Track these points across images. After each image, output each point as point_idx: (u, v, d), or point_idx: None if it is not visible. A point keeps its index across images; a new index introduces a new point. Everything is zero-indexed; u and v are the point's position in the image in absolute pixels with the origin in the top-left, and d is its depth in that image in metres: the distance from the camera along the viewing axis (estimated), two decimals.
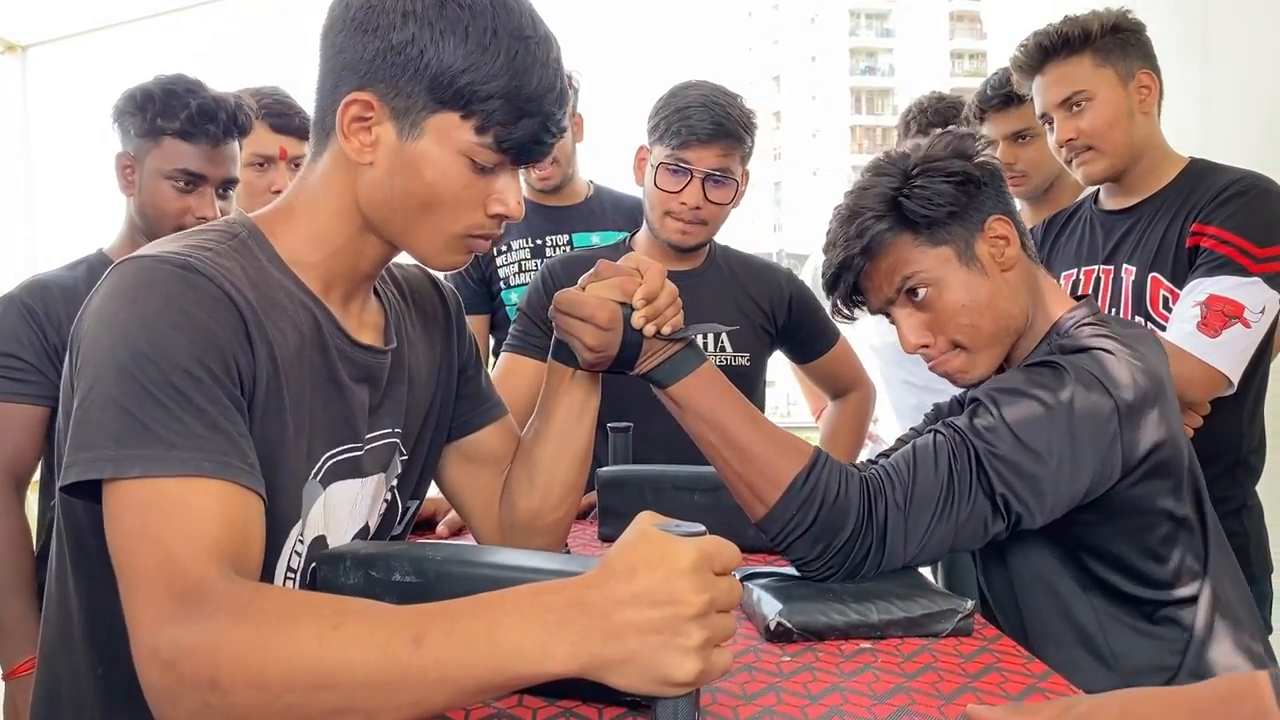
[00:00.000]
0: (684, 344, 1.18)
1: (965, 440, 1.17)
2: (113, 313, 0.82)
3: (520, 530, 1.20)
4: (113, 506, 0.78)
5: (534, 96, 0.92)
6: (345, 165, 0.96)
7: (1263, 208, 1.67)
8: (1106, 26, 1.78)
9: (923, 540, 1.15)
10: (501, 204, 0.97)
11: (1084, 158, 1.80)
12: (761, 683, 0.95)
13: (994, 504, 1.16)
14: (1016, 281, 1.31)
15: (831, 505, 1.14)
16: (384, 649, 0.68)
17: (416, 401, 1.11)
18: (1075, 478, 1.16)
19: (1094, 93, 1.77)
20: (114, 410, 0.78)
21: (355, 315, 1.04)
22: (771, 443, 1.17)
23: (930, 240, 1.28)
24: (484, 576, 0.87)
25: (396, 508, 1.11)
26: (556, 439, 1.18)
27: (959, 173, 1.29)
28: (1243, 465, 1.78)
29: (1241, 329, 1.61)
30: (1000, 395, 1.20)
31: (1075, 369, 1.19)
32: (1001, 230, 1.30)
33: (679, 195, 1.79)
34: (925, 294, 1.28)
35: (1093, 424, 1.16)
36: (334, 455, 0.98)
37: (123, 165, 1.71)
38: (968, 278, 1.28)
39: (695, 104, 1.79)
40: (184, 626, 0.71)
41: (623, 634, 0.67)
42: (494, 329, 2.53)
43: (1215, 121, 2.30)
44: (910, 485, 1.16)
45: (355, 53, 0.92)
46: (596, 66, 64.26)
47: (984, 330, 1.29)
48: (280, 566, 0.93)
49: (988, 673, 0.98)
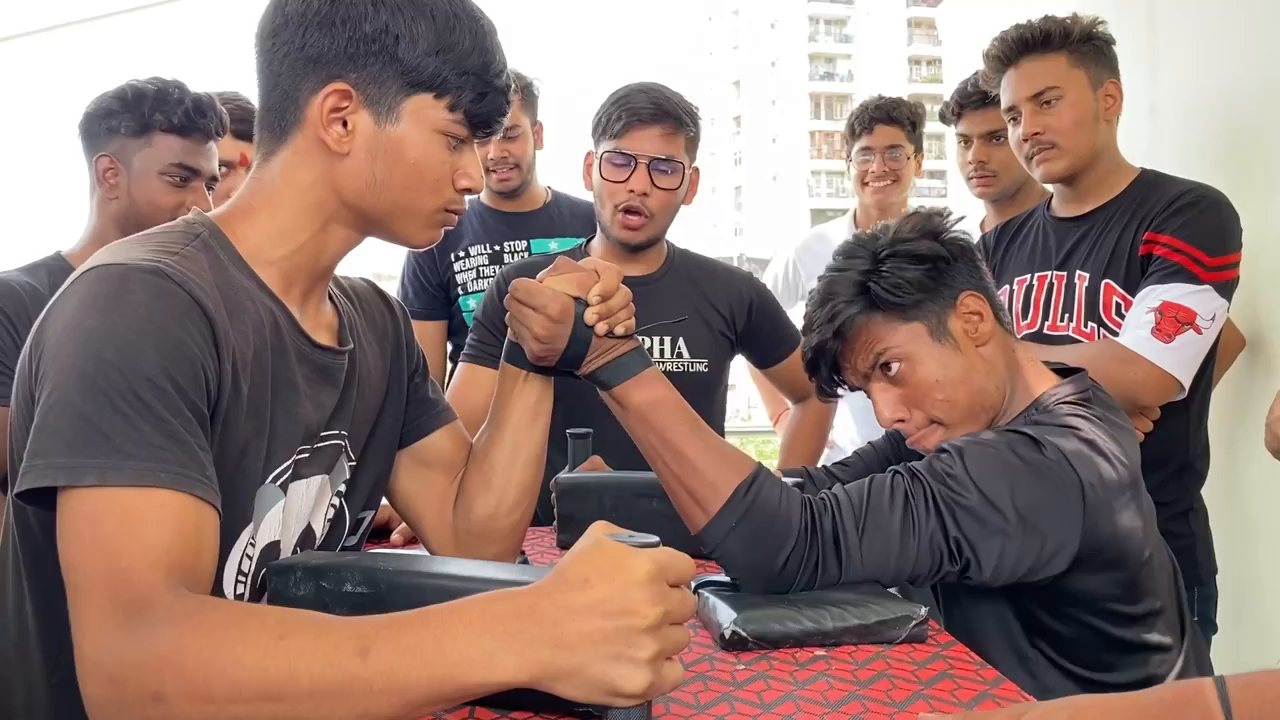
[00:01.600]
0: (632, 346, 1.18)
1: (924, 483, 1.16)
2: (79, 321, 0.81)
3: (475, 536, 1.19)
4: (66, 515, 0.76)
5: (498, 72, 0.99)
6: (312, 159, 0.97)
7: (1214, 218, 1.70)
8: (1085, 31, 1.80)
9: (875, 566, 1.14)
10: (467, 177, 1.02)
11: (1046, 155, 1.81)
12: (715, 692, 0.95)
13: (946, 545, 1.14)
14: (992, 356, 1.31)
15: (773, 518, 1.14)
16: (330, 660, 0.67)
17: (366, 406, 1.10)
18: (1029, 542, 1.15)
19: (1065, 91, 1.79)
20: (73, 418, 0.77)
21: (312, 315, 1.04)
22: (713, 452, 1.17)
23: (901, 317, 1.29)
24: (436, 587, 0.86)
25: (344, 515, 1.10)
26: (511, 441, 1.18)
27: (927, 256, 1.30)
28: (1189, 470, 1.81)
29: (1194, 335, 1.64)
30: (968, 446, 1.19)
31: (1049, 445, 1.17)
32: (974, 306, 1.30)
33: (625, 184, 1.78)
34: (898, 369, 1.29)
35: (1057, 496, 1.15)
36: (294, 457, 0.97)
37: (104, 168, 1.70)
38: (940, 353, 1.28)
39: (634, 91, 1.81)
40: (128, 639, 0.70)
41: (574, 644, 0.67)
42: (452, 334, 2.52)
43: (1162, 131, 2.34)
44: (863, 511, 1.15)
45: (321, 46, 0.94)
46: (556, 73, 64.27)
47: (959, 405, 1.29)
48: (230, 570, 0.91)
49: (940, 679, 0.99)
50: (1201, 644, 1.33)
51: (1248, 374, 2.07)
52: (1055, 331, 1.81)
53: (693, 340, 1.92)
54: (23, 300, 1.63)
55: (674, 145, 1.80)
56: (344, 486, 1.08)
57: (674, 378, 1.88)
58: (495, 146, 2.41)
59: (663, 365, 1.89)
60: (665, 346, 1.91)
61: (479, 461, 1.20)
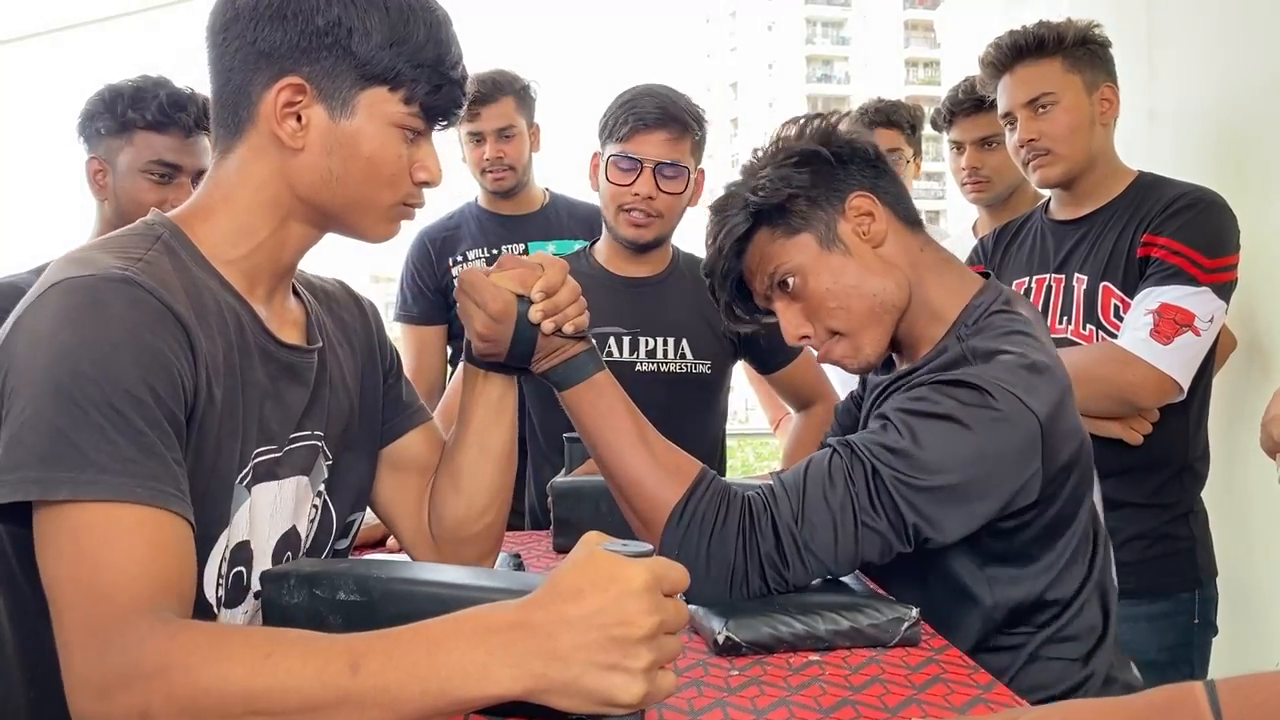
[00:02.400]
0: (584, 347, 1.16)
1: (865, 461, 1.12)
2: (52, 334, 0.79)
3: (449, 540, 1.18)
4: (43, 530, 0.76)
5: (454, 63, 0.99)
6: (266, 155, 0.96)
7: (1212, 220, 1.70)
8: (1080, 35, 1.80)
9: (827, 559, 1.12)
10: (425, 170, 1.01)
11: (1042, 160, 1.82)
12: (709, 698, 0.95)
13: (902, 526, 1.11)
14: (892, 256, 1.27)
15: (710, 534, 1.11)
16: (319, 676, 0.67)
17: (339, 405, 1.09)
18: (991, 498, 1.13)
19: (1060, 96, 1.79)
20: (46, 430, 0.76)
21: (278, 314, 1.03)
22: (655, 469, 1.14)
23: (787, 230, 1.26)
24: (429, 595, 0.86)
25: (331, 516, 1.10)
26: (477, 442, 1.17)
27: (799, 153, 1.26)
28: (1189, 471, 1.81)
29: (1192, 337, 1.64)
30: (913, 418, 1.14)
31: (996, 389, 1.13)
32: (864, 206, 1.26)
33: (631, 187, 1.79)
34: (794, 284, 1.26)
35: (1016, 445, 1.13)
36: (256, 457, 0.96)
37: (94, 170, 1.71)
38: (830, 261, 1.25)
39: (640, 94, 1.82)
40: (114, 656, 0.70)
41: (568, 656, 0.67)
42: (452, 338, 2.52)
43: (1160, 135, 2.34)
44: (800, 504, 1.12)
45: (273, 40, 0.93)
46: (553, 75, 64.24)
47: (855, 312, 1.25)
48: (210, 573, 0.91)
49: (934, 684, 0.99)
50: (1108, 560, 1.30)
51: (1245, 375, 2.07)
52: (1054, 334, 1.80)
53: (696, 342, 1.92)
54: None
55: (679, 149, 1.81)
56: (323, 487, 1.08)
57: (677, 379, 1.91)
58: (490, 147, 2.41)
59: (666, 366, 1.89)
60: (669, 348, 1.91)
61: (447, 465, 1.19)
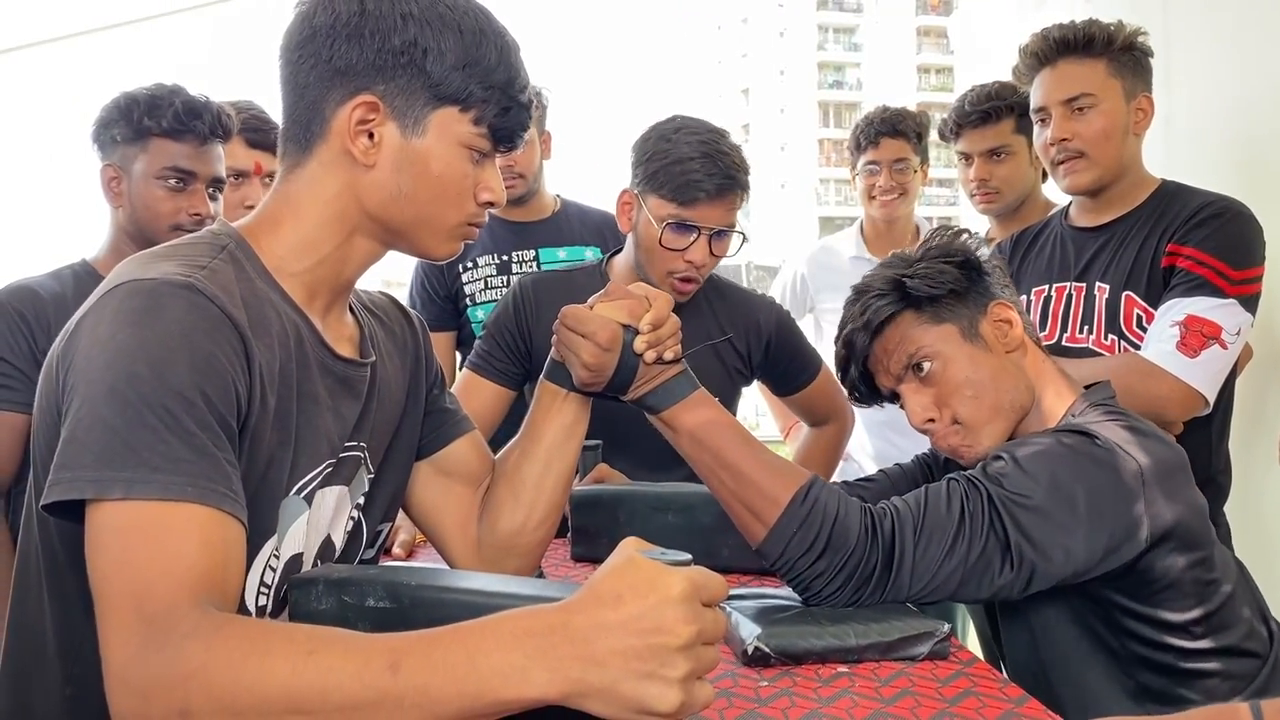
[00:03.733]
0: (678, 370, 1.21)
1: (977, 484, 1.16)
2: (111, 335, 0.81)
3: (498, 550, 1.19)
4: (94, 528, 0.76)
5: (522, 87, 1.01)
6: (337, 170, 0.97)
7: (1238, 231, 1.68)
8: (1129, 40, 1.76)
9: (932, 574, 1.13)
10: (489, 191, 1.03)
11: (1074, 165, 1.78)
12: (740, 709, 0.94)
13: (1005, 549, 1.13)
14: (1022, 364, 1.33)
15: (833, 522, 1.14)
16: (359, 675, 0.67)
17: (385, 418, 1.10)
18: (1095, 533, 1.14)
19: (1100, 100, 1.75)
20: (101, 430, 0.77)
21: (334, 328, 1.04)
22: (767, 465, 1.18)
23: (934, 318, 1.31)
24: (459, 602, 0.86)
25: (362, 527, 1.10)
26: (544, 458, 1.19)
27: (960, 252, 1.34)
28: (1212, 485, 1.78)
29: (1219, 350, 1.61)
30: (1019, 447, 1.20)
31: (1099, 434, 1.18)
32: (1005, 314, 1.33)
33: (684, 253, 1.70)
34: (930, 368, 1.30)
35: (1117, 482, 1.15)
36: (318, 470, 0.97)
37: (109, 177, 1.71)
38: (972, 353, 1.30)
39: (696, 155, 1.67)
40: (155, 654, 0.70)
41: (606, 661, 0.66)
42: (460, 345, 2.51)
43: (1176, 142, 2.33)
44: (920, 518, 1.15)
45: (349, 58, 0.94)
46: (564, 80, 64.28)
47: (985, 404, 1.29)
48: (252, 582, 0.91)
49: (965, 697, 0.98)
50: None
51: (1263, 388, 2.06)
52: (1074, 344, 1.79)
53: (706, 381, 1.86)
54: (45, 306, 1.63)
55: (734, 213, 1.73)
56: (362, 499, 1.08)
57: None
58: (501, 155, 2.40)
59: None
60: None
61: (509, 476, 1.20)
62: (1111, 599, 1.20)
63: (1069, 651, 1.25)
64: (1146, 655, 1.21)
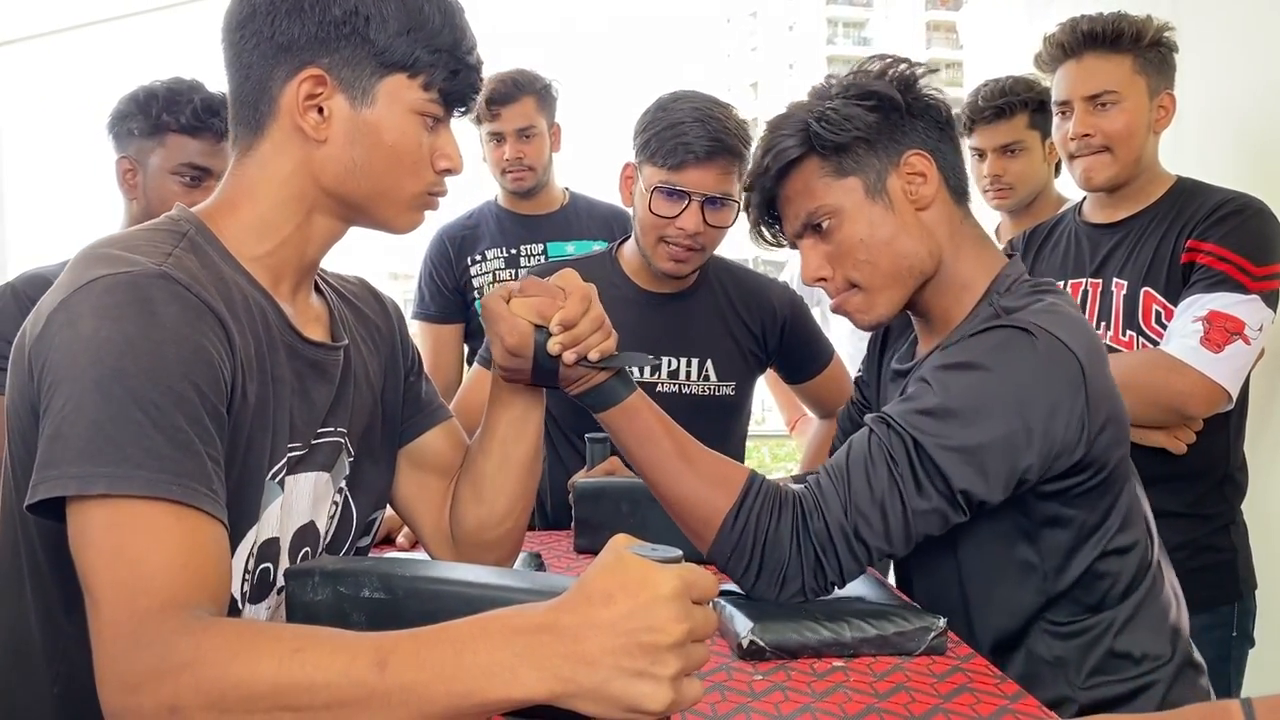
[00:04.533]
0: (611, 373, 1.15)
1: (903, 434, 1.10)
2: (93, 331, 0.79)
3: (468, 544, 1.18)
4: (77, 524, 0.76)
5: (470, 49, 0.99)
6: (289, 149, 0.97)
7: (1259, 228, 1.67)
8: (1156, 35, 1.74)
9: (881, 541, 1.10)
10: (446, 159, 1.01)
11: (1095, 160, 1.76)
12: (732, 703, 0.94)
13: (953, 501, 1.10)
14: (932, 223, 1.24)
15: (764, 542, 1.11)
16: (346, 673, 0.67)
17: (362, 402, 1.09)
18: (1035, 446, 1.09)
19: (1125, 96, 1.73)
20: (85, 426, 0.76)
21: (302, 310, 1.03)
22: (700, 480, 1.15)
23: (838, 170, 1.23)
24: (454, 594, 0.86)
25: (352, 513, 1.10)
26: (499, 451, 1.16)
27: (875, 94, 1.23)
28: (1230, 482, 1.78)
29: (1242, 345, 1.61)
30: (946, 373, 1.13)
31: (1033, 328, 1.11)
32: (919, 166, 1.23)
33: (675, 220, 1.68)
34: (827, 225, 1.24)
35: (1057, 387, 1.10)
36: (289, 453, 0.97)
37: (124, 169, 1.72)
38: (871, 212, 1.22)
39: (689, 119, 1.66)
40: (145, 650, 0.70)
41: (595, 660, 0.66)
42: (469, 337, 2.52)
43: (1185, 136, 2.31)
44: (848, 494, 1.11)
45: (291, 33, 0.93)
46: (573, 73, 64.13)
47: (880, 269, 1.23)
48: (236, 567, 0.91)
49: (960, 693, 0.98)
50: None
51: (1273, 385, 2.05)
52: None
53: (721, 362, 1.85)
54: None
55: (729, 181, 1.68)
56: (344, 483, 1.08)
57: (699, 401, 1.85)
58: (511, 147, 2.40)
59: (688, 388, 1.83)
60: (692, 369, 1.84)
61: (468, 471, 1.18)
62: (1039, 507, 1.17)
63: (989, 568, 1.21)
64: (1061, 564, 1.18)
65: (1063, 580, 1.19)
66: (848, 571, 1.13)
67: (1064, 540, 1.18)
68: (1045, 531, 1.18)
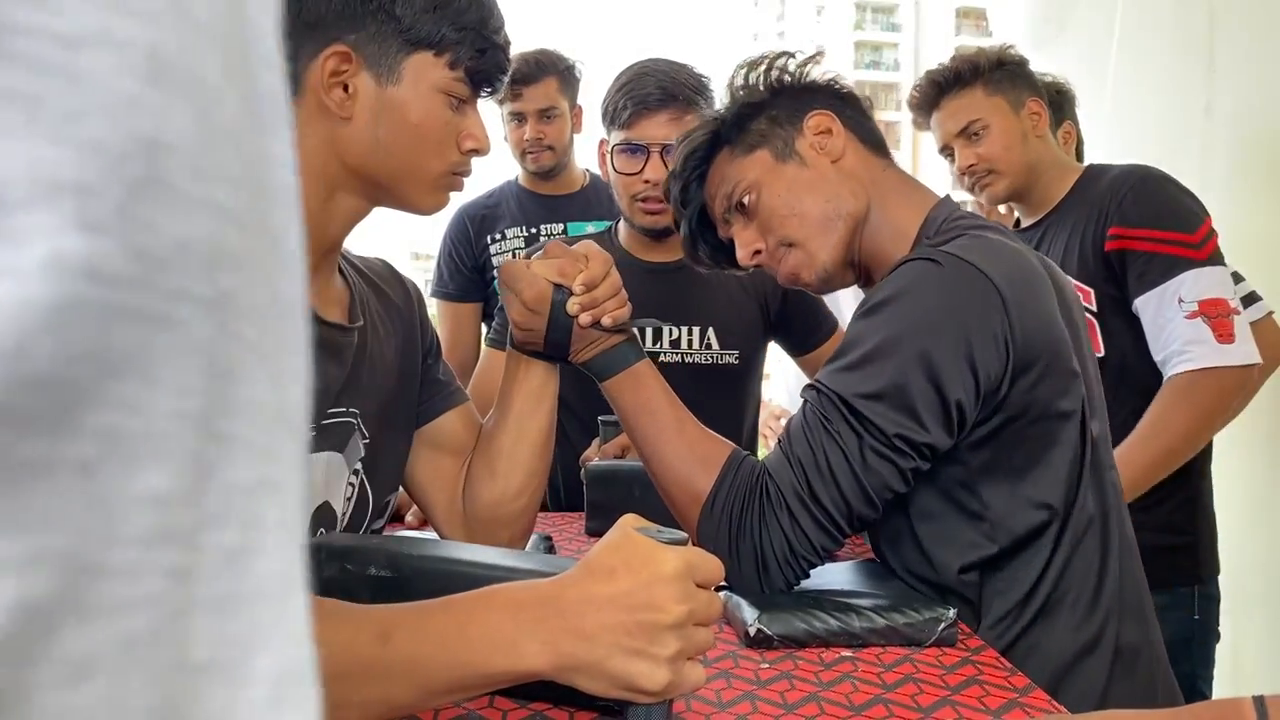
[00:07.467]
0: (623, 338, 1.16)
1: (831, 396, 1.08)
2: None
3: (483, 521, 1.18)
4: None
5: (497, 28, 0.99)
6: (314, 126, 0.96)
7: (1169, 195, 1.75)
8: (992, 61, 1.89)
9: (844, 513, 1.08)
10: (473, 139, 1.01)
11: (985, 180, 1.91)
12: (738, 690, 0.94)
13: (894, 448, 1.07)
14: (851, 169, 1.24)
15: (736, 526, 1.11)
16: (349, 646, 0.67)
17: (378, 384, 1.09)
18: (956, 375, 1.05)
19: (988, 120, 1.87)
20: None
21: (322, 291, 1.03)
22: (688, 459, 1.14)
23: (744, 149, 1.26)
24: (460, 573, 0.86)
25: (367, 495, 1.10)
26: (515, 426, 1.17)
27: (760, 91, 1.28)
28: (1193, 465, 1.79)
29: (1238, 316, 1.68)
30: (859, 322, 1.11)
31: (943, 256, 1.08)
32: (823, 124, 1.24)
33: (640, 175, 1.71)
34: (749, 201, 1.25)
35: (973, 310, 1.06)
36: None
37: None
38: (784, 171, 1.23)
39: (638, 74, 1.72)
40: None
41: (594, 635, 0.66)
42: (487, 317, 2.52)
43: (1216, 130, 2.28)
44: (801, 470, 1.09)
45: (318, 10, 0.93)
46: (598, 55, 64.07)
47: (809, 219, 1.22)
48: None
49: (969, 685, 0.97)
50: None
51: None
52: None
53: (724, 330, 1.85)
54: None
55: (684, 127, 1.65)
56: (360, 465, 1.08)
57: (702, 371, 1.85)
58: (532, 128, 2.40)
59: (691, 357, 1.84)
60: (694, 337, 1.84)
61: (484, 447, 1.19)
62: (971, 457, 1.12)
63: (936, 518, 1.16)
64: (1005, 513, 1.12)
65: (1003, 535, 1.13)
66: (818, 542, 1.10)
67: (1001, 491, 1.12)
68: (983, 482, 1.12)
